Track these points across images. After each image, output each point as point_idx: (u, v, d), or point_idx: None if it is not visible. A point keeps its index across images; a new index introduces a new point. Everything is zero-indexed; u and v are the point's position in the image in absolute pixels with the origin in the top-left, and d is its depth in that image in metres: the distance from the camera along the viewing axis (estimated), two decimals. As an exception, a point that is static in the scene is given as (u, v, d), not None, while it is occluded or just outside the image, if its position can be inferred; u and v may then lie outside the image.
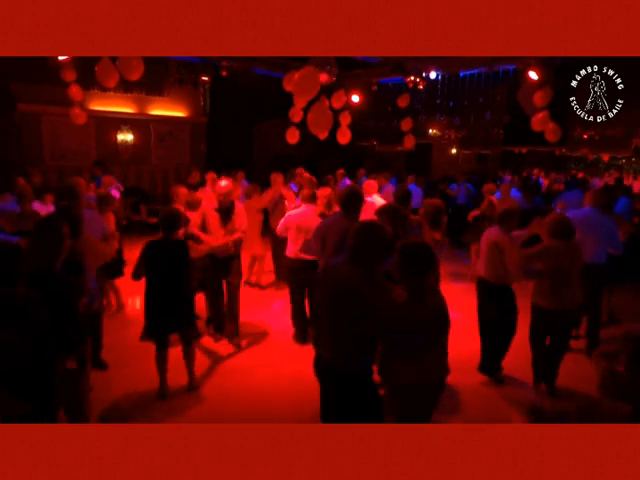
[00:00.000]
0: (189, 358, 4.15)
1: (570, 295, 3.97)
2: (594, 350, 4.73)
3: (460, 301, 5.80)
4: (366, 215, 4.25)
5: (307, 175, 8.32)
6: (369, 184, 6.59)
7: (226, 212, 4.93)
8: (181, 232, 4.53)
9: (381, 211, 3.85)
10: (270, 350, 5.08)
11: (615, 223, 5.00)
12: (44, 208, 5.55)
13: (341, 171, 9.53)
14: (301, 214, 5.10)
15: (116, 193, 7.34)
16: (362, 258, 2.51)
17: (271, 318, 5.95)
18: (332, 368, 2.60)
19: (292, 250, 5.11)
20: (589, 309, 5.08)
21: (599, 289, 5.17)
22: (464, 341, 4.74)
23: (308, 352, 4.82)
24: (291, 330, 5.30)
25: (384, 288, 2.54)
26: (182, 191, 5.58)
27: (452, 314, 2.66)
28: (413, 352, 2.53)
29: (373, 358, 2.64)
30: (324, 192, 5.42)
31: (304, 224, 4.94)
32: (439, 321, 2.58)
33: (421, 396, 2.62)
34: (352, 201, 3.95)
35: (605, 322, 5.54)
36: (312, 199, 5.16)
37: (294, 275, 5.18)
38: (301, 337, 5.18)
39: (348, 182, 9.41)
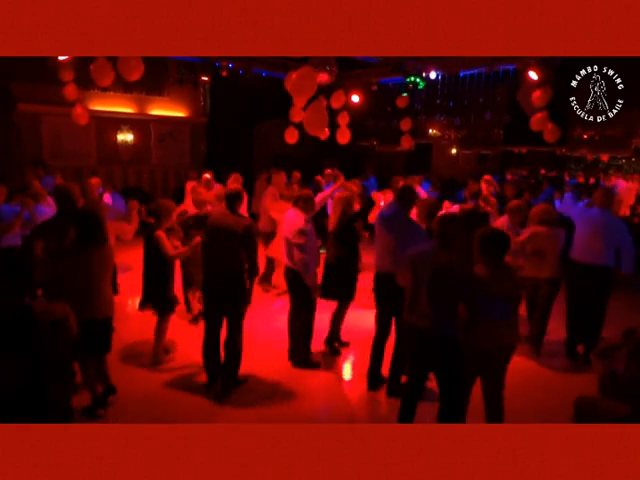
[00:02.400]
0: (158, 332, 4.59)
1: (553, 266, 4.86)
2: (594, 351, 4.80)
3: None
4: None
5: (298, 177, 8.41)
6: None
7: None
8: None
9: (421, 205, 4.72)
10: (270, 351, 5.08)
11: (624, 225, 4.85)
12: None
13: (329, 171, 9.53)
14: (285, 218, 4.69)
15: (108, 198, 7.02)
16: (449, 243, 3.19)
17: (272, 318, 5.98)
18: (432, 332, 3.15)
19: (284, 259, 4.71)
20: (592, 314, 4.94)
21: (604, 293, 5.00)
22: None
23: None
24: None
25: (470, 266, 3.23)
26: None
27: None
28: (491, 319, 3.16)
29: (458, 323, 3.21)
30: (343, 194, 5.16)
31: (284, 230, 4.62)
32: (512, 295, 3.20)
33: (495, 355, 3.22)
34: (409, 197, 4.35)
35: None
36: (297, 202, 4.60)
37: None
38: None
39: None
